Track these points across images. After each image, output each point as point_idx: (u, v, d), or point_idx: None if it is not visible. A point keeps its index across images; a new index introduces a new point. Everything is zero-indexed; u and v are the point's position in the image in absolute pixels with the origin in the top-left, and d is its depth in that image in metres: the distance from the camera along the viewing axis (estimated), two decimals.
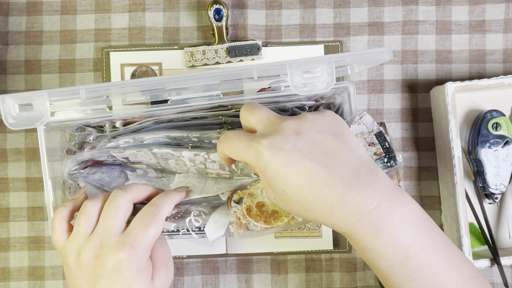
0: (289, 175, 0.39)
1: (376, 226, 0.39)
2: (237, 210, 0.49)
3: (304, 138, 0.40)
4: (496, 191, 0.59)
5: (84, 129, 0.52)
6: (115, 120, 0.51)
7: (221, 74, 0.43)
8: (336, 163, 0.40)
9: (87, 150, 0.51)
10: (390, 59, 0.44)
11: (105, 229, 0.43)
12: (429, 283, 0.40)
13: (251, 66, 0.43)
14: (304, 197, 0.40)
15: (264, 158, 0.40)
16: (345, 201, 0.39)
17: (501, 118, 0.59)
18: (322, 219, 0.40)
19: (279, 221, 0.48)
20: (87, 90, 0.43)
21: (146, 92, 0.50)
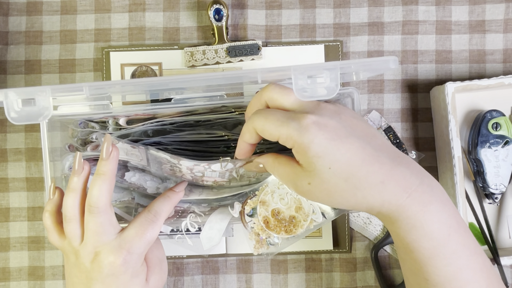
0: (338, 150, 0.38)
1: (424, 201, 0.39)
2: (254, 224, 0.47)
3: (345, 118, 0.40)
4: (496, 191, 0.59)
5: (87, 124, 0.52)
6: (118, 117, 0.51)
7: (225, 76, 0.43)
8: (377, 142, 0.40)
9: (89, 149, 0.51)
10: (396, 68, 0.44)
11: (97, 241, 0.43)
12: (464, 265, 0.40)
13: (255, 70, 0.42)
14: (353, 173, 0.38)
15: (310, 132, 0.38)
16: (395, 176, 0.39)
17: (501, 118, 0.59)
18: (372, 197, 0.39)
19: (299, 227, 0.46)
20: (90, 87, 0.43)
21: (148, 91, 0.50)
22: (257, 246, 0.47)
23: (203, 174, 0.50)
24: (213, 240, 0.49)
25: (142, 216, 0.45)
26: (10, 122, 0.61)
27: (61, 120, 0.52)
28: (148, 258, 0.47)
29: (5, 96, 0.43)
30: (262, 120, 0.41)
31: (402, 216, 0.39)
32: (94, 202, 0.43)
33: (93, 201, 0.43)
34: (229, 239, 0.61)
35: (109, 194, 0.43)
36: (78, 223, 0.44)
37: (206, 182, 0.52)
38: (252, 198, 0.48)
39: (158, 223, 0.45)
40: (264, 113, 0.41)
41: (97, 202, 0.43)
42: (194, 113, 0.51)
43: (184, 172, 0.50)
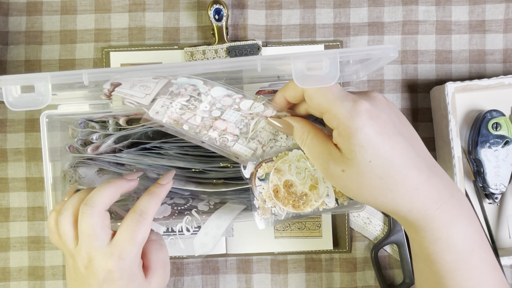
0: (383, 145, 0.37)
1: (452, 215, 0.39)
2: (263, 190, 0.44)
3: (395, 113, 0.39)
4: (496, 191, 0.59)
5: (87, 124, 0.52)
6: (119, 116, 0.51)
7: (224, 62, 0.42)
8: (419, 147, 0.39)
9: (90, 150, 0.51)
10: (396, 57, 0.43)
11: (89, 245, 0.43)
12: (484, 281, 0.40)
13: (255, 57, 0.42)
14: (391, 173, 0.37)
15: (361, 119, 0.36)
16: (429, 186, 0.38)
17: (501, 118, 0.59)
18: (401, 202, 0.38)
19: (308, 206, 0.44)
20: (90, 74, 0.42)
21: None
22: (260, 213, 0.45)
23: (221, 113, 0.45)
24: (207, 246, 0.48)
25: (129, 218, 0.43)
26: (10, 122, 0.61)
27: (61, 119, 0.52)
28: (152, 260, 0.46)
29: (4, 82, 0.43)
30: (314, 90, 0.39)
31: (428, 227, 0.39)
32: (90, 200, 0.42)
33: (89, 200, 0.43)
34: (229, 239, 0.61)
35: (108, 199, 0.43)
36: (72, 224, 0.44)
37: (211, 133, 0.46)
38: (268, 162, 0.45)
39: (146, 222, 0.43)
40: (317, 87, 0.39)
41: (94, 201, 0.42)
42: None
43: (201, 109, 0.44)
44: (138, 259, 0.44)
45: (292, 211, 0.44)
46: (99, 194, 0.43)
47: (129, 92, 0.45)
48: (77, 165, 0.52)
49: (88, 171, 0.53)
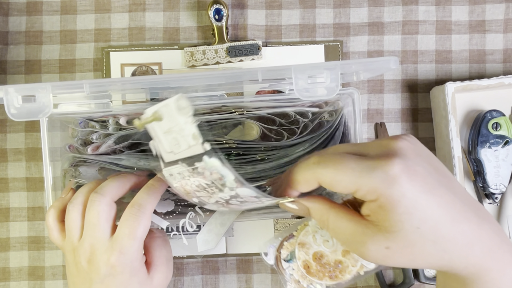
0: (429, 205, 0.32)
1: (504, 263, 0.34)
2: (293, 271, 0.41)
3: (426, 161, 0.33)
4: (496, 191, 0.59)
5: (87, 123, 0.52)
6: (119, 116, 0.51)
7: (226, 75, 0.43)
8: (460, 191, 0.34)
9: (90, 150, 0.51)
10: (396, 68, 0.43)
11: (92, 235, 0.43)
12: None
13: (256, 69, 0.42)
14: (443, 234, 0.32)
15: (400, 184, 0.31)
16: (481, 236, 0.33)
17: (501, 118, 0.59)
18: (457, 259, 0.33)
19: (347, 272, 0.40)
20: (91, 84, 0.43)
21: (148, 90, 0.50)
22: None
23: (240, 203, 0.40)
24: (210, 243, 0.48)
25: (127, 213, 0.43)
26: (10, 122, 0.61)
27: (61, 119, 0.52)
28: (155, 257, 0.46)
29: (5, 92, 0.43)
30: (332, 171, 0.33)
31: (481, 280, 0.35)
32: (101, 189, 0.43)
33: (100, 189, 0.43)
34: (229, 239, 0.61)
35: (117, 190, 0.44)
36: (80, 213, 0.44)
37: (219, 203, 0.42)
38: (289, 239, 0.41)
39: (145, 216, 0.43)
40: (332, 162, 0.33)
41: (104, 190, 0.43)
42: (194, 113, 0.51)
43: (220, 196, 0.38)
44: (139, 254, 0.44)
45: (331, 283, 0.40)
46: (110, 184, 0.44)
47: (160, 134, 0.38)
48: (77, 163, 0.52)
49: (89, 170, 0.53)
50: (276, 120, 0.50)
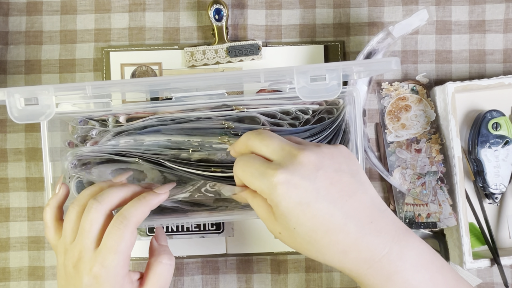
0: (303, 215, 0.38)
1: (388, 272, 0.39)
2: None
3: (322, 176, 0.38)
4: (496, 191, 0.59)
5: (87, 122, 0.52)
6: (119, 115, 0.51)
7: (228, 76, 0.43)
8: (352, 206, 0.39)
9: (89, 145, 0.51)
10: (398, 69, 0.43)
11: (80, 243, 0.42)
12: None
13: (258, 70, 0.42)
14: (317, 239, 0.39)
15: (278, 193, 0.38)
16: (359, 247, 0.38)
17: (501, 118, 0.59)
18: (333, 262, 0.40)
19: None
20: (93, 86, 0.43)
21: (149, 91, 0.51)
22: None
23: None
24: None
25: (111, 225, 0.42)
26: (10, 122, 0.61)
27: (61, 117, 0.52)
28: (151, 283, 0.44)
29: (8, 95, 0.43)
30: (240, 172, 0.41)
31: (364, 284, 0.40)
32: (100, 197, 0.43)
33: (100, 196, 0.43)
34: (229, 239, 0.61)
35: (117, 199, 0.44)
36: (77, 216, 0.44)
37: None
38: None
39: (128, 230, 0.42)
40: (243, 162, 0.41)
41: (104, 198, 0.43)
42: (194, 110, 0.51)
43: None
44: (123, 270, 0.42)
45: None
46: (110, 193, 0.43)
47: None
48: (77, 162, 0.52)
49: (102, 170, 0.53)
50: (277, 115, 0.50)
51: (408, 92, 0.61)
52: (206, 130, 0.50)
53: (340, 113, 0.50)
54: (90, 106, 0.50)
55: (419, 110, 0.61)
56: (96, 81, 0.55)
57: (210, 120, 0.50)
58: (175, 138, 0.50)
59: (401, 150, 0.61)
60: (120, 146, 0.51)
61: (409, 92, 0.61)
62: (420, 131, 0.60)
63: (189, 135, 0.50)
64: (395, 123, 0.61)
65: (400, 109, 0.61)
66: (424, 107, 0.60)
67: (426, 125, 0.60)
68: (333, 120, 0.50)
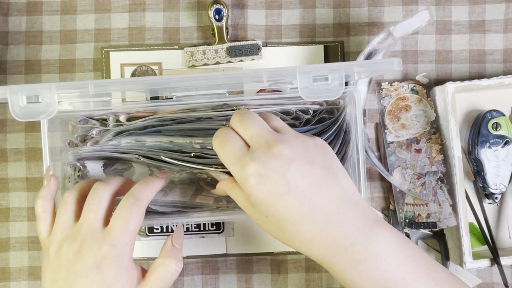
0: (272, 205, 0.40)
1: (352, 261, 0.40)
2: None
3: (294, 169, 0.40)
4: (496, 191, 0.59)
5: (87, 121, 0.52)
6: (119, 114, 0.51)
7: (230, 76, 0.43)
8: (321, 197, 0.40)
9: (89, 144, 0.51)
10: (400, 69, 0.44)
11: (87, 223, 0.42)
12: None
13: (261, 70, 0.43)
14: (286, 228, 0.40)
15: (249, 183, 0.40)
16: (324, 237, 0.40)
17: (501, 118, 0.59)
18: (301, 249, 0.42)
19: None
20: (95, 84, 0.43)
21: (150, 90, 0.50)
22: None
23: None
24: None
25: (122, 205, 0.42)
26: (10, 122, 0.61)
27: (61, 117, 0.52)
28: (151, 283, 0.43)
29: (10, 93, 0.43)
30: (218, 147, 0.42)
31: (331, 270, 0.42)
32: (106, 179, 0.44)
33: (104, 180, 0.44)
34: (229, 239, 0.61)
35: (122, 185, 0.45)
36: (75, 199, 0.44)
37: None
38: None
39: (139, 210, 0.43)
40: (222, 139, 0.42)
41: (109, 181, 0.44)
42: (195, 110, 0.51)
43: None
44: (130, 250, 0.42)
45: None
46: (115, 179, 0.45)
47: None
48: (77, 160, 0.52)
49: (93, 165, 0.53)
50: (278, 115, 0.50)
51: (408, 92, 0.61)
52: (207, 131, 0.50)
53: (341, 114, 0.50)
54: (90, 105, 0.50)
55: (419, 110, 0.61)
56: (99, 80, 0.55)
57: (211, 120, 0.50)
58: (177, 139, 0.50)
59: (401, 150, 0.61)
60: (121, 146, 0.51)
61: (409, 92, 0.61)
62: (420, 131, 0.60)
63: (191, 136, 0.50)
64: (395, 123, 0.61)
65: (400, 109, 0.61)
66: (424, 107, 0.61)
67: (426, 125, 0.60)
68: (334, 121, 0.50)
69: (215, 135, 0.43)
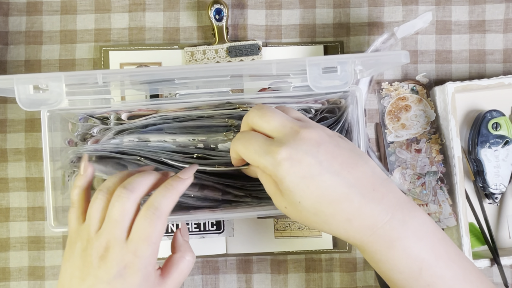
0: (307, 188, 0.39)
1: (390, 238, 0.40)
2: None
3: (324, 150, 0.40)
4: (496, 191, 0.59)
5: (87, 120, 0.52)
6: (121, 112, 0.50)
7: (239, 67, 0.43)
8: (354, 176, 0.40)
9: (90, 143, 0.51)
10: (407, 62, 0.44)
11: (111, 232, 0.41)
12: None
13: (270, 61, 0.43)
14: (322, 210, 0.40)
15: (282, 169, 0.39)
16: (362, 214, 0.40)
17: (501, 118, 0.59)
18: (338, 231, 0.41)
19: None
20: (104, 74, 0.42)
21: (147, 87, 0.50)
22: None
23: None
24: None
25: (142, 215, 0.41)
26: (10, 122, 0.61)
27: (61, 114, 0.52)
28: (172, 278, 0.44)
29: (17, 82, 0.43)
30: (242, 148, 0.42)
31: (367, 251, 0.41)
32: (130, 185, 0.41)
33: (129, 184, 0.42)
34: (229, 239, 0.61)
35: (147, 187, 0.43)
36: (105, 205, 0.42)
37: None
38: None
39: (160, 220, 0.41)
40: (244, 140, 0.42)
41: (134, 187, 0.41)
42: (197, 108, 0.51)
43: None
44: (154, 259, 0.42)
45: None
46: (139, 180, 0.42)
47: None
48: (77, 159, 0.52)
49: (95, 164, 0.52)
50: None
51: (408, 92, 0.61)
52: (210, 128, 0.50)
53: (343, 113, 0.50)
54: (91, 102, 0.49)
55: (419, 110, 0.61)
56: (107, 70, 0.54)
57: (213, 118, 0.50)
58: (180, 138, 0.49)
59: (401, 150, 0.61)
60: (123, 145, 0.50)
61: (409, 92, 0.61)
62: (420, 131, 0.60)
63: (193, 133, 0.50)
64: (395, 123, 0.61)
65: (400, 109, 0.61)
66: (424, 107, 0.61)
67: (426, 125, 0.60)
68: (336, 120, 0.50)
69: (235, 140, 0.43)
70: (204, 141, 0.49)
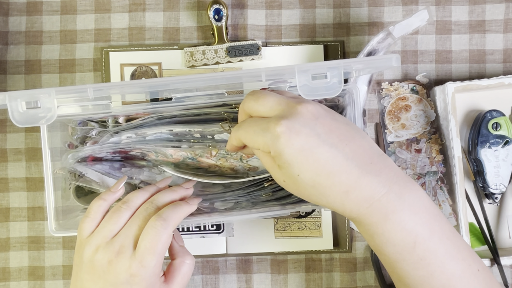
0: (306, 160, 0.39)
1: (386, 211, 0.40)
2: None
3: (322, 123, 0.40)
4: (496, 191, 0.59)
5: (86, 124, 0.52)
6: (118, 116, 0.51)
7: (228, 76, 0.43)
8: (351, 148, 0.40)
9: (89, 145, 0.51)
10: (398, 66, 0.44)
11: (124, 240, 0.44)
12: (436, 271, 0.40)
13: (259, 69, 0.43)
14: (320, 182, 0.40)
15: (281, 142, 0.39)
16: (360, 186, 0.40)
17: (501, 118, 0.59)
18: (335, 204, 0.41)
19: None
20: (94, 89, 0.43)
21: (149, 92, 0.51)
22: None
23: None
24: None
25: (150, 226, 0.44)
26: (10, 122, 0.61)
27: (60, 120, 0.52)
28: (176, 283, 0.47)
29: (10, 99, 0.43)
30: (243, 133, 0.42)
31: (363, 223, 0.41)
32: (166, 213, 0.44)
33: (165, 213, 0.44)
34: (229, 239, 0.61)
35: (180, 219, 0.46)
36: (128, 217, 0.45)
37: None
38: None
39: (166, 232, 0.44)
40: (245, 125, 0.42)
41: (170, 216, 0.44)
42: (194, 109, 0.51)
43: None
44: (158, 269, 0.44)
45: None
46: (174, 211, 0.45)
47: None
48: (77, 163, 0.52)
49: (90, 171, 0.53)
50: None
51: (408, 92, 0.61)
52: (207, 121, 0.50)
53: (341, 113, 0.50)
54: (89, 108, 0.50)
55: (419, 110, 0.61)
56: (97, 84, 0.55)
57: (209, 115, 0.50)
58: (177, 128, 0.50)
59: (401, 150, 0.61)
60: (122, 143, 0.51)
61: (409, 92, 0.61)
62: (420, 131, 0.60)
63: (190, 123, 0.50)
64: (395, 123, 0.61)
65: (400, 109, 0.61)
66: (424, 107, 0.61)
67: (426, 125, 0.60)
68: None
69: (236, 128, 0.44)
70: (201, 131, 0.50)
